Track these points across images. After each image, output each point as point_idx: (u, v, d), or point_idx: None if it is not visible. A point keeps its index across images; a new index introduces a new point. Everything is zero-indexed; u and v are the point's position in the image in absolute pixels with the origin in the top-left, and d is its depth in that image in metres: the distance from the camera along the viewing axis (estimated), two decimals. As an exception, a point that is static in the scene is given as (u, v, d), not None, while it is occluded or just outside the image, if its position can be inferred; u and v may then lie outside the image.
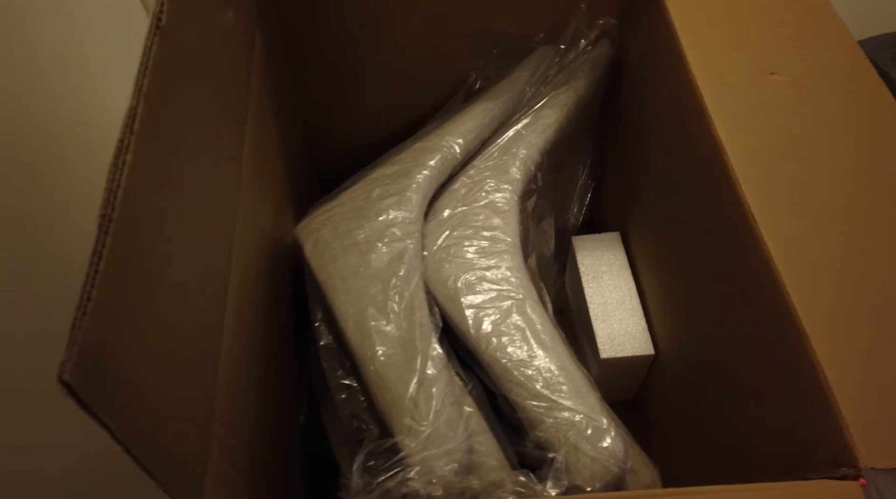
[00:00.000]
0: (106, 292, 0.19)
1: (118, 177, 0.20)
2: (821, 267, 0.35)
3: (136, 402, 0.22)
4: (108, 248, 0.19)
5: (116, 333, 0.20)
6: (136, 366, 0.21)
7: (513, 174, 0.48)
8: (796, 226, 0.37)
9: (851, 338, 0.32)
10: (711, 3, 0.49)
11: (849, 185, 0.39)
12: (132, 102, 0.22)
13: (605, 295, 0.58)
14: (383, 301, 0.40)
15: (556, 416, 0.35)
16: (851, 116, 0.43)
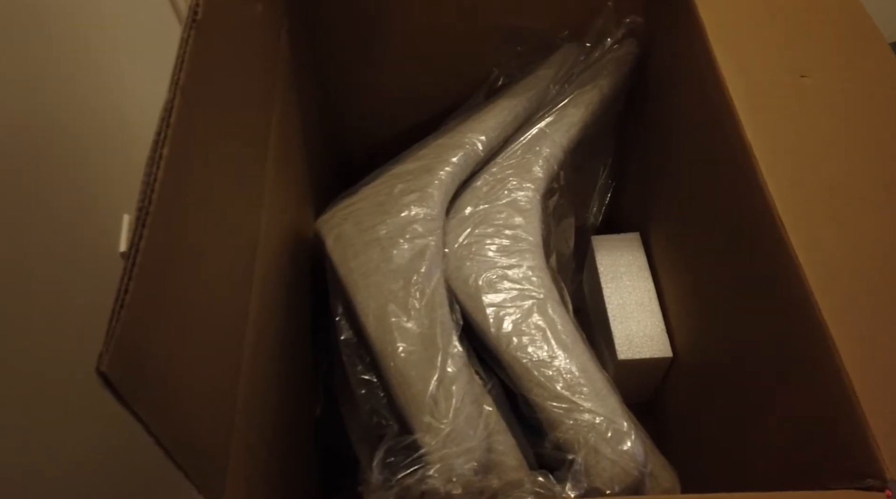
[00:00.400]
0: (143, 285, 0.19)
1: (155, 171, 0.20)
2: (849, 273, 0.35)
3: (167, 394, 0.22)
4: (146, 240, 0.19)
5: (152, 326, 0.20)
6: (168, 358, 0.21)
7: (536, 173, 0.48)
8: (824, 230, 0.37)
9: (880, 345, 0.32)
10: (742, 4, 0.49)
11: (878, 189, 0.39)
12: (169, 96, 0.22)
13: (623, 296, 0.58)
14: (404, 298, 0.40)
15: (576, 417, 0.35)
16: (881, 121, 0.42)
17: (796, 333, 0.35)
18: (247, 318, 0.34)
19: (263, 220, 0.38)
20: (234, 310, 0.31)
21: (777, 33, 0.47)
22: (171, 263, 0.22)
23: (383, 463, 0.33)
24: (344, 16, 0.57)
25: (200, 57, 0.25)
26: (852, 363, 0.31)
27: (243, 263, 0.33)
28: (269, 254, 0.39)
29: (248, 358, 0.34)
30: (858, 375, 0.31)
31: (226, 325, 0.30)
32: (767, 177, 0.38)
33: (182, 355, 0.23)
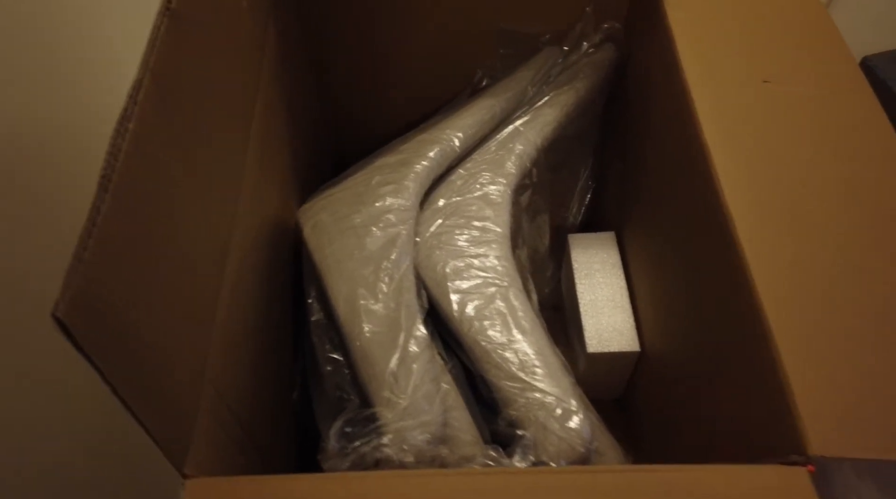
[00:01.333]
0: (103, 242, 0.21)
1: (120, 142, 0.22)
2: (793, 272, 0.37)
3: (126, 345, 0.24)
4: (107, 204, 0.21)
5: (111, 279, 0.22)
6: (129, 311, 0.23)
7: (508, 169, 0.50)
8: (773, 230, 0.38)
9: (815, 339, 0.34)
10: (712, 11, 0.51)
11: (829, 193, 0.41)
12: (138, 75, 0.24)
13: (596, 292, 0.60)
14: (374, 282, 0.42)
15: (529, 396, 0.37)
16: (839, 126, 0.44)
17: (740, 326, 0.37)
18: (219, 292, 0.36)
19: (242, 200, 0.40)
20: (206, 281, 0.33)
21: (744, 40, 0.49)
22: (135, 227, 0.24)
23: (341, 432, 0.35)
24: (336, 16, 0.59)
25: (173, 42, 0.27)
26: (788, 354, 0.33)
27: (216, 239, 0.35)
28: (246, 234, 0.41)
29: (220, 331, 0.36)
30: (791, 363, 0.33)
31: (195, 293, 0.32)
32: (722, 178, 0.40)
33: (145, 312, 0.25)
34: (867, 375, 0.33)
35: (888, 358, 0.33)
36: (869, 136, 0.44)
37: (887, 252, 0.38)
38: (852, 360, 0.33)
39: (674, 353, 0.50)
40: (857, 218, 0.39)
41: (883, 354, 0.33)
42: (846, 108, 0.45)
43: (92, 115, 0.54)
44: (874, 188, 0.41)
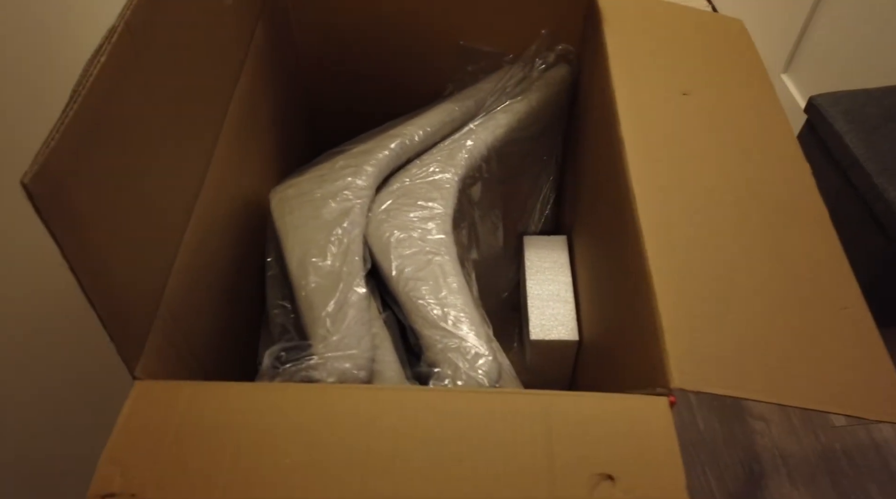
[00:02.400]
0: (69, 139, 0.27)
1: (93, 69, 0.28)
2: (681, 243, 0.42)
3: (89, 232, 0.29)
4: (77, 107, 0.27)
5: (77, 165, 0.27)
6: (93, 202, 0.29)
7: (458, 160, 0.56)
8: (669, 211, 0.43)
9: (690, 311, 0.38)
10: (645, 34, 0.57)
11: (731, 190, 0.46)
12: (114, 24, 0.30)
13: (543, 287, 0.65)
14: (325, 244, 0.47)
15: (447, 342, 0.41)
16: (746, 132, 0.50)
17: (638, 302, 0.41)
18: (185, 230, 0.41)
19: (213, 169, 0.46)
20: (172, 212, 0.39)
21: (670, 59, 0.55)
22: (100, 141, 0.29)
23: (276, 355, 0.39)
24: (324, 27, 0.66)
25: (150, 9, 0.34)
26: (667, 316, 0.37)
27: (182, 190, 0.40)
28: (215, 199, 0.46)
29: (181, 265, 0.41)
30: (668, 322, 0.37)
31: (158, 226, 0.37)
32: (632, 169, 0.46)
33: (110, 214, 0.30)
34: (728, 331, 0.37)
35: (748, 321, 0.38)
36: (772, 141, 0.49)
37: (769, 241, 0.42)
38: (720, 321, 0.38)
39: (599, 342, 0.55)
40: (752, 212, 0.44)
41: (744, 318, 0.38)
42: (754, 115, 0.51)
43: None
44: (771, 186, 0.46)
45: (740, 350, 0.37)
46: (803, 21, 1.05)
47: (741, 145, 0.49)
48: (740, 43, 0.57)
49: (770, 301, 0.39)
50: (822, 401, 0.35)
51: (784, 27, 1.09)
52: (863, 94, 0.80)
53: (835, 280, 0.41)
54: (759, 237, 0.43)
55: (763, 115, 0.51)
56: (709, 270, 0.41)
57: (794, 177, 0.47)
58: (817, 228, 0.44)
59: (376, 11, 0.64)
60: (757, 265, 0.41)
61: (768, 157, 0.48)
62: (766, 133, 0.50)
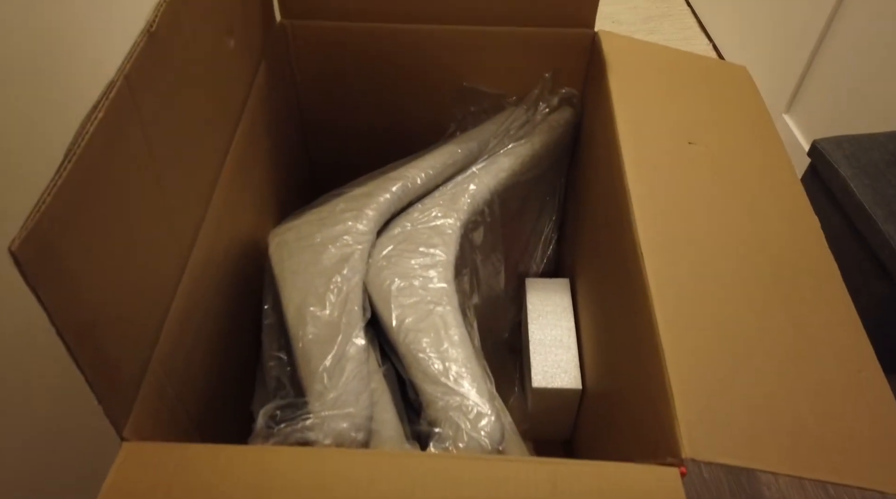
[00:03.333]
0: (61, 201, 0.26)
1: (89, 126, 0.27)
2: (691, 303, 0.40)
3: (79, 294, 0.28)
4: (71, 166, 0.26)
5: (66, 228, 0.26)
6: (82, 264, 0.28)
7: (461, 205, 0.55)
8: (678, 270, 0.42)
9: (700, 373, 0.37)
10: (649, 80, 0.57)
11: (736, 245, 0.45)
12: (113, 78, 0.30)
13: (545, 332, 0.63)
14: (323, 293, 0.46)
15: (448, 399, 0.40)
16: (753, 185, 0.49)
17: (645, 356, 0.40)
18: (179, 282, 0.40)
19: (211, 213, 0.45)
20: (166, 264, 0.37)
21: (675, 105, 0.55)
22: (94, 201, 0.28)
23: (271, 414, 0.38)
24: (326, 67, 0.66)
25: (151, 59, 0.33)
26: (677, 379, 0.36)
27: (177, 240, 0.39)
28: (212, 245, 0.45)
29: (175, 320, 0.40)
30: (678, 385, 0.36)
31: (150, 279, 0.36)
32: (638, 222, 0.45)
33: (100, 274, 0.29)
34: (739, 395, 0.36)
35: (761, 383, 0.37)
36: (780, 194, 0.49)
37: (779, 299, 0.41)
38: (731, 383, 0.36)
39: (603, 392, 0.53)
40: (762, 269, 0.43)
41: (756, 374, 0.37)
42: (761, 168, 0.50)
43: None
44: (780, 242, 0.45)
45: (753, 415, 0.35)
46: (806, 61, 1.05)
47: (749, 199, 0.48)
48: (745, 91, 0.57)
49: (782, 363, 0.38)
50: (839, 472, 0.34)
51: (786, 67, 1.10)
52: (867, 139, 0.80)
53: (849, 342, 0.39)
54: (770, 295, 0.42)
55: (770, 168, 0.51)
56: (719, 329, 0.39)
57: (804, 232, 0.46)
58: (829, 287, 0.43)
59: (378, 52, 0.64)
60: (768, 325, 0.40)
61: (777, 211, 0.48)
62: (773, 186, 0.49)
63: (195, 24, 0.39)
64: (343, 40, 0.63)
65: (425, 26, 0.62)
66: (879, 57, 0.91)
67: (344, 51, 0.64)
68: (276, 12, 0.62)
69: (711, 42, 1.39)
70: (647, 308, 0.40)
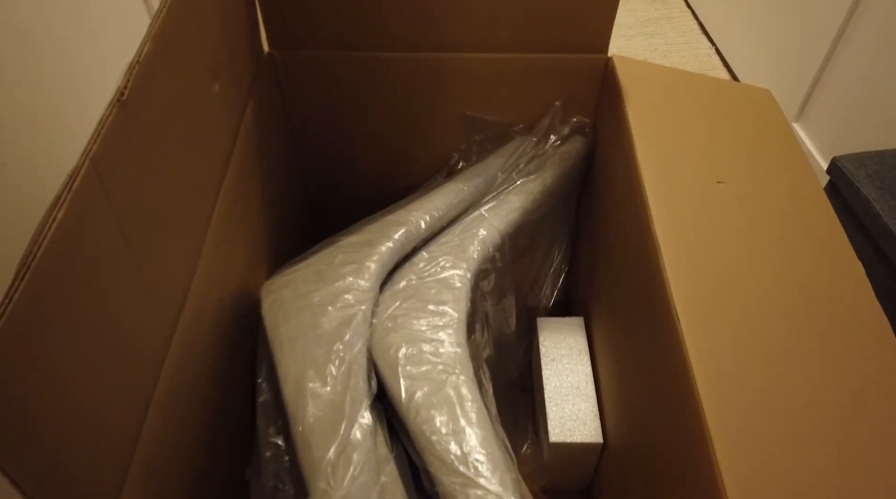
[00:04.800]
0: (9, 334, 0.21)
1: (46, 231, 0.23)
2: (735, 371, 0.37)
3: (37, 434, 0.23)
4: (18, 295, 0.22)
5: (20, 360, 0.22)
6: (34, 406, 0.23)
7: (470, 253, 0.50)
8: (718, 330, 0.38)
9: (749, 434, 0.33)
10: (670, 110, 0.52)
11: (774, 291, 0.41)
12: (77, 163, 0.25)
13: (561, 379, 0.59)
14: (324, 364, 0.42)
15: (469, 492, 0.36)
16: (789, 228, 0.45)
17: (682, 423, 0.36)
18: (160, 373, 0.35)
19: (198, 278, 0.40)
20: (141, 367, 0.33)
21: (698, 138, 0.51)
22: (56, 317, 0.24)
23: (269, 524, 0.34)
24: (319, 99, 0.61)
25: (121, 132, 0.28)
26: (728, 467, 0.33)
27: (161, 319, 0.35)
28: (198, 315, 0.41)
29: (157, 411, 0.35)
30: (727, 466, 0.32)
31: (124, 378, 0.31)
32: (670, 275, 0.41)
33: (57, 407, 0.25)
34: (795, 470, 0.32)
35: (816, 452, 0.33)
36: (819, 237, 0.45)
37: (826, 355, 0.38)
38: (783, 459, 0.32)
39: (631, 445, 0.49)
40: (807, 324, 0.39)
41: (811, 448, 0.33)
42: (799, 212, 0.46)
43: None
44: (824, 291, 0.41)
45: (804, 480, 0.32)
46: (818, 66, 1.01)
47: (787, 243, 0.44)
48: (770, 117, 0.53)
49: (837, 437, 0.34)
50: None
51: (797, 73, 1.06)
52: (890, 156, 0.76)
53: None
54: (819, 355, 0.38)
55: (806, 207, 0.47)
56: (764, 395, 0.36)
57: (848, 280, 0.42)
58: (879, 342, 0.39)
59: (375, 83, 0.59)
60: (820, 391, 0.36)
61: (817, 256, 0.44)
62: (811, 227, 0.45)
63: (174, 78, 0.35)
64: (337, 71, 0.59)
65: (425, 54, 0.58)
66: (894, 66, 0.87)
67: (338, 82, 0.59)
68: (264, 42, 0.57)
69: (714, 46, 1.35)
70: (683, 367, 0.36)
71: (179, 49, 0.36)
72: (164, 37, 0.33)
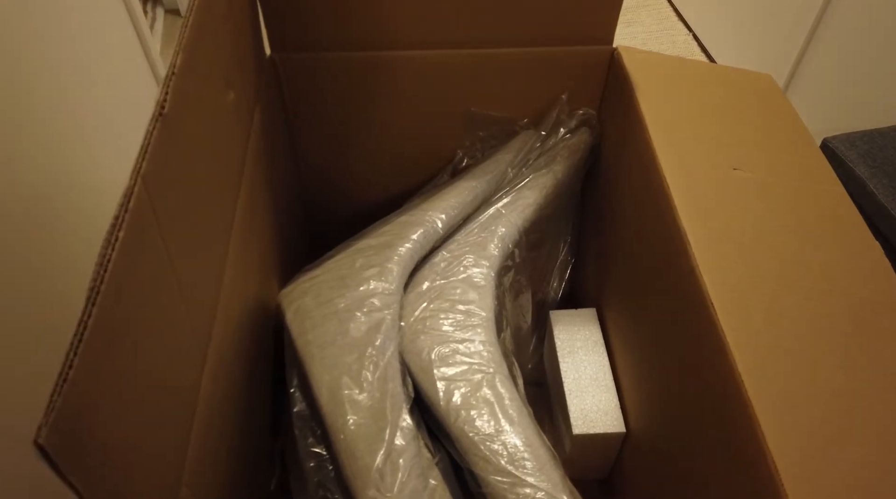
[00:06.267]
0: (87, 360, 0.20)
1: (109, 252, 0.22)
2: (774, 356, 0.37)
3: (106, 467, 0.23)
4: (94, 318, 0.21)
5: (94, 400, 0.21)
6: (109, 432, 0.23)
7: (491, 251, 0.50)
8: (752, 315, 0.39)
9: (800, 426, 0.34)
10: (679, 98, 0.53)
11: (805, 281, 0.42)
12: (130, 182, 0.24)
13: (579, 371, 0.60)
14: (358, 370, 0.41)
15: (519, 492, 0.36)
16: (811, 214, 0.46)
17: (724, 412, 0.37)
18: (199, 391, 0.35)
19: (223, 294, 0.39)
20: (185, 383, 0.32)
21: (710, 125, 0.51)
22: (118, 341, 0.23)
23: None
24: (320, 100, 0.60)
25: (164, 146, 0.28)
26: (776, 445, 0.33)
27: (198, 339, 0.34)
28: (227, 327, 0.40)
29: (199, 430, 0.34)
30: (781, 456, 0.33)
31: (175, 398, 0.31)
32: (700, 263, 0.41)
33: (125, 429, 0.24)
34: (849, 458, 0.33)
35: (862, 431, 0.34)
36: (840, 223, 0.45)
37: (863, 347, 0.38)
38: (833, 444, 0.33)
39: (659, 435, 0.50)
40: (834, 312, 0.40)
41: (856, 427, 0.34)
42: (814, 195, 0.47)
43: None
44: (847, 275, 0.42)
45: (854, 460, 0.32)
46: (799, 50, 1.03)
47: (806, 228, 0.45)
48: (775, 102, 0.54)
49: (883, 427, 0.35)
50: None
51: (776, 57, 1.07)
52: (879, 136, 0.78)
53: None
54: (853, 342, 0.38)
55: (820, 189, 0.48)
56: (808, 386, 0.36)
57: (870, 263, 0.43)
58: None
59: (377, 83, 0.58)
60: (858, 381, 0.37)
61: (836, 239, 0.44)
62: (827, 208, 0.46)
63: (200, 90, 0.34)
64: (339, 72, 0.58)
65: (425, 52, 0.57)
66: (877, 44, 0.90)
67: (340, 83, 0.58)
68: (266, 46, 0.56)
69: (691, 32, 1.36)
70: (722, 352, 0.37)
71: (202, 58, 0.35)
72: (191, 46, 0.32)
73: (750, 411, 0.34)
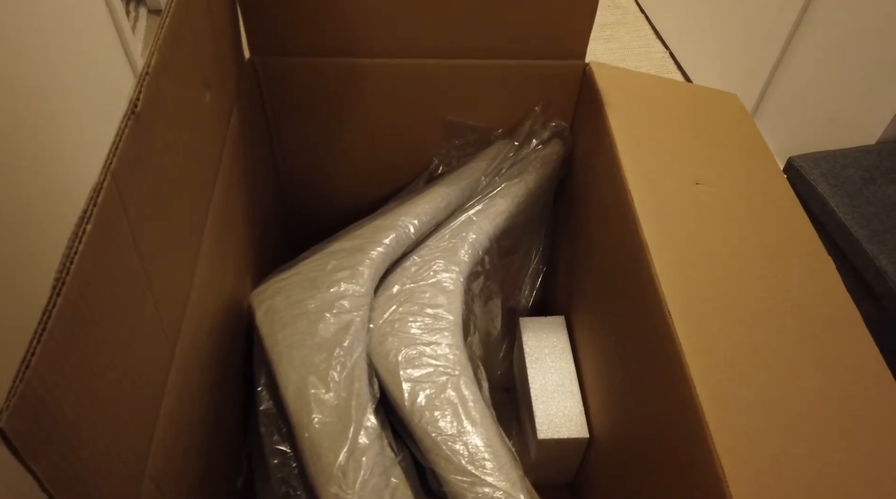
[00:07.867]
0: (50, 349, 0.21)
1: (77, 245, 0.23)
2: (727, 362, 0.39)
3: (69, 455, 0.23)
4: (58, 308, 0.21)
5: (57, 388, 0.22)
6: (73, 421, 0.23)
7: (461, 256, 0.51)
8: (708, 323, 0.41)
9: (749, 428, 0.35)
10: (648, 114, 0.55)
11: (759, 291, 0.43)
12: (99, 177, 0.25)
13: (546, 377, 0.61)
14: (325, 370, 0.42)
15: (478, 491, 0.37)
16: (764, 224, 0.48)
17: (678, 417, 0.38)
18: (166, 384, 0.35)
19: (194, 291, 0.40)
20: (152, 376, 0.33)
21: (676, 141, 0.53)
22: (84, 331, 0.24)
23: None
24: (298, 105, 0.61)
25: (136, 144, 0.28)
26: (723, 445, 0.34)
27: (166, 333, 0.35)
28: (198, 324, 0.40)
29: (165, 424, 0.35)
30: (728, 456, 0.34)
31: (140, 393, 0.31)
32: (660, 273, 0.43)
33: (89, 421, 0.25)
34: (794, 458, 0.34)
35: (812, 438, 0.35)
36: (791, 234, 0.47)
37: (813, 355, 0.40)
38: (779, 445, 0.35)
39: (621, 439, 0.51)
40: (784, 314, 0.42)
41: (806, 434, 0.35)
42: (772, 209, 0.49)
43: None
44: (802, 289, 0.44)
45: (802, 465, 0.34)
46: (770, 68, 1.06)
47: (764, 243, 0.47)
48: (739, 120, 0.56)
49: (829, 433, 0.36)
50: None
51: (749, 76, 1.10)
52: (841, 156, 0.80)
53: (888, 403, 0.38)
54: (803, 351, 0.40)
55: (777, 204, 0.49)
56: (759, 393, 0.38)
57: (822, 277, 0.45)
58: (855, 337, 0.41)
59: (356, 90, 0.60)
60: (807, 387, 0.38)
61: (793, 254, 0.46)
62: (784, 226, 0.48)
63: (176, 90, 0.35)
64: (318, 77, 0.59)
65: (405, 61, 0.59)
66: (843, 69, 0.93)
67: (319, 88, 0.59)
68: (245, 49, 0.57)
69: (668, 50, 1.39)
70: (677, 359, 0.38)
71: (179, 58, 0.35)
72: (167, 46, 0.33)
73: (701, 415, 0.36)
